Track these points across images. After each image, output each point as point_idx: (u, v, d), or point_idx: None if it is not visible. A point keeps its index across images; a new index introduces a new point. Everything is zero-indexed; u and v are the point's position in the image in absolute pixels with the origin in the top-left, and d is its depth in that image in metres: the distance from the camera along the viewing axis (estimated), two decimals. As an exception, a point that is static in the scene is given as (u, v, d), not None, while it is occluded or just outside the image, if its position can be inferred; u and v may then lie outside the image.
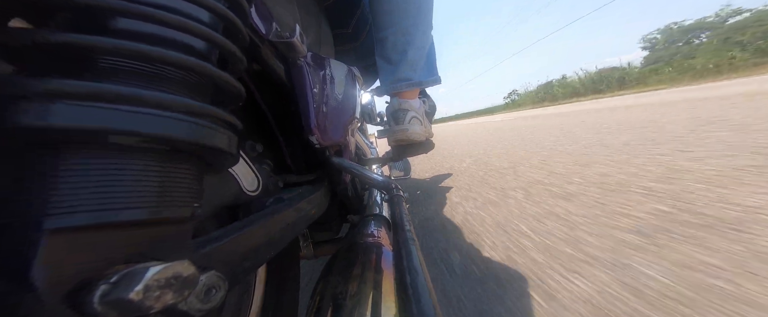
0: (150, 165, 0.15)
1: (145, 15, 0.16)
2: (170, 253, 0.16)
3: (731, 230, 0.69)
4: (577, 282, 0.61)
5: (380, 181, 0.45)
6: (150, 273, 0.13)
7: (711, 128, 1.83)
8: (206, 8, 0.19)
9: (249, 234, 0.24)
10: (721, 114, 2.33)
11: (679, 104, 3.93)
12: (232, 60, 0.21)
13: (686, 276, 0.57)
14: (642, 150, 1.58)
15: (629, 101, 6.76)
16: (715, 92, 5.35)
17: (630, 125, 2.62)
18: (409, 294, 0.21)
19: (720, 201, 0.84)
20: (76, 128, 0.13)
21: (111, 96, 0.14)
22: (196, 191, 0.18)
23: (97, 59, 0.15)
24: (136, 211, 0.14)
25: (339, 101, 0.48)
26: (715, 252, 0.62)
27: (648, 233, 0.74)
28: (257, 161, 0.38)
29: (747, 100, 3.05)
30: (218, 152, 0.18)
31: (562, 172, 1.46)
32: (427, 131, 0.92)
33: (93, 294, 0.12)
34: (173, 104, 0.16)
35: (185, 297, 0.14)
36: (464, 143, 3.92)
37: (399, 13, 0.73)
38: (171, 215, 0.16)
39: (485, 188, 1.47)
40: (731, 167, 1.09)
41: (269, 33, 0.33)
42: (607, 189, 1.10)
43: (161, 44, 0.16)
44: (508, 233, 0.91)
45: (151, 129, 0.15)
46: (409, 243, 0.28)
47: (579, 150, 1.90)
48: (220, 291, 0.16)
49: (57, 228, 0.12)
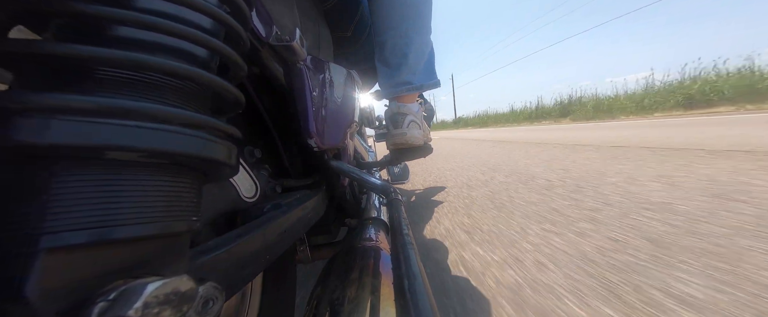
0: (148, 180, 0.15)
1: (146, 24, 0.15)
2: (168, 267, 0.16)
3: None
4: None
5: (378, 185, 0.45)
6: (149, 289, 0.13)
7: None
8: (208, 15, 0.18)
9: (247, 242, 0.24)
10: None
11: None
12: (233, 67, 0.21)
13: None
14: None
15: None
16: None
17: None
18: (407, 299, 0.21)
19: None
20: (74, 145, 0.13)
21: (109, 111, 0.13)
22: (194, 204, 0.18)
23: (94, 70, 0.14)
24: (134, 228, 0.14)
25: (338, 104, 0.48)
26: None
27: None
28: (255, 166, 0.37)
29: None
30: (218, 165, 0.18)
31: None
32: (426, 135, 0.92)
33: (91, 311, 0.12)
34: (172, 117, 0.15)
35: (184, 313, 0.14)
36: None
37: (398, 16, 0.74)
38: (169, 230, 0.16)
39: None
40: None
41: (269, 36, 0.33)
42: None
43: (161, 53, 0.16)
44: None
45: (150, 144, 0.14)
46: (407, 246, 0.28)
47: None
48: (217, 303, 0.16)
49: (53, 246, 0.12)
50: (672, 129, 3.47)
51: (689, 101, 8.52)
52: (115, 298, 0.13)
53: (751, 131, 2.53)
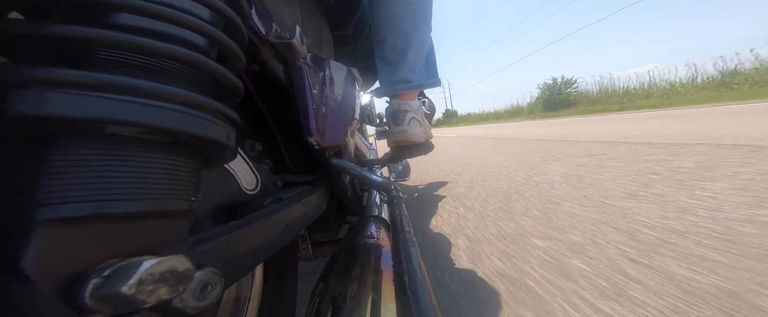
0: (147, 157, 0.15)
1: (144, 9, 0.16)
2: (166, 248, 0.16)
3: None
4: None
5: (379, 182, 0.45)
6: (144, 266, 0.13)
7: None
8: (208, 6, 0.19)
9: (247, 233, 0.24)
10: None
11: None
12: (232, 57, 0.21)
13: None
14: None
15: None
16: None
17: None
18: (408, 296, 0.21)
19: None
20: (73, 118, 0.13)
21: (109, 86, 0.13)
22: (193, 184, 0.18)
23: (96, 51, 0.14)
24: (133, 203, 0.14)
25: (338, 102, 0.48)
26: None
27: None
28: (256, 160, 0.38)
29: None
30: (217, 145, 0.18)
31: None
32: (427, 132, 0.92)
33: (85, 288, 0.12)
34: (172, 96, 0.16)
35: (180, 293, 0.14)
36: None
37: (398, 14, 0.74)
38: (168, 208, 0.16)
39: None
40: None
41: (269, 34, 0.33)
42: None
43: (160, 38, 0.16)
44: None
45: (150, 120, 0.14)
46: (408, 244, 0.28)
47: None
48: (216, 289, 0.16)
49: (51, 219, 0.12)
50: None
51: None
52: (109, 274, 0.13)
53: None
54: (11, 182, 0.13)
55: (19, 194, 0.12)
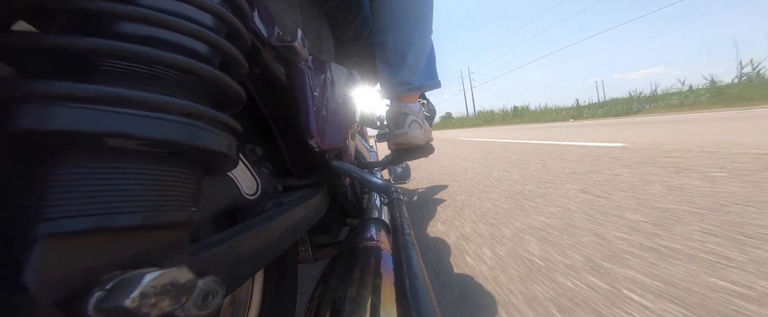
0: (148, 169, 0.15)
1: (147, 18, 0.16)
2: (167, 258, 0.16)
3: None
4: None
5: (380, 185, 0.45)
6: (146, 279, 0.12)
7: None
8: (210, 12, 0.19)
9: (247, 239, 0.24)
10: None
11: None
12: (235, 64, 0.21)
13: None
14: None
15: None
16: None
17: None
18: (408, 299, 0.21)
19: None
20: (74, 131, 0.13)
21: (110, 99, 0.13)
22: (193, 195, 0.18)
23: (97, 62, 0.14)
24: (133, 216, 0.14)
25: (339, 104, 0.48)
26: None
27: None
28: (257, 164, 0.38)
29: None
30: (218, 156, 0.18)
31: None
32: (427, 134, 0.92)
33: (88, 301, 0.12)
34: (173, 107, 0.15)
35: (182, 304, 0.14)
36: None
37: (399, 16, 0.74)
38: (168, 219, 0.16)
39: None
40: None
41: (271, 37, 0.33)
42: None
43: (162, 47, 0.16)
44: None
45: (150, 133, 0.14)
46: (409, 246, 0.28)
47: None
48: (217, 297, 0.16)
49: (52, 233, 0.12)
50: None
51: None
52: (112, 287, 0.12)
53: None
54: (12, 197, 0.13)
55: (20, 208, 0.12)
